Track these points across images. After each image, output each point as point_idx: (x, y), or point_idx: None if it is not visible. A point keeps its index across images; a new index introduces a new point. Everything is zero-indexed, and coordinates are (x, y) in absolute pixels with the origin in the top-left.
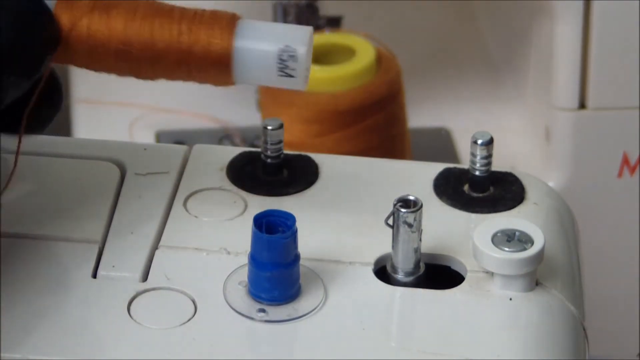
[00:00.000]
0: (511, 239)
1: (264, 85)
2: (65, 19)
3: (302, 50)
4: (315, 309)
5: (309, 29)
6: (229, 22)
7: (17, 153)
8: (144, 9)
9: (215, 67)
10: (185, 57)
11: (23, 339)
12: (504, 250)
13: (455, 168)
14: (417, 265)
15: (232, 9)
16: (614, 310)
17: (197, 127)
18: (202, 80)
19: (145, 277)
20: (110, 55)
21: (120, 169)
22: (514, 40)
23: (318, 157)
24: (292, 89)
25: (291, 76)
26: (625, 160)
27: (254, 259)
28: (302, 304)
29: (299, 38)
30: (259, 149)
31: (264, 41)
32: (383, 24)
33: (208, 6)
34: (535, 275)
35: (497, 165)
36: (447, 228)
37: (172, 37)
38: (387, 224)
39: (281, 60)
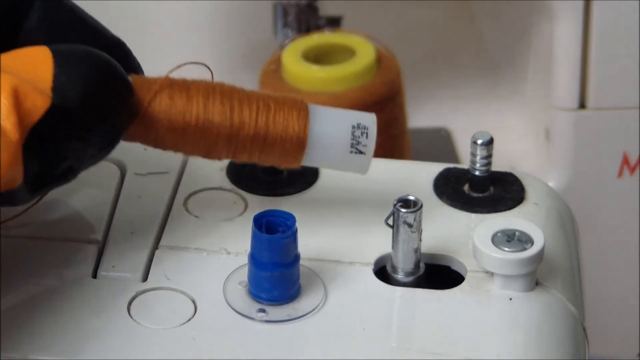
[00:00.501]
0: (511, 239)
1: (331, 167)
2: (144, 92)
3: (373, 126)
4: (315, 309)
5: (373, 114)
6: (302, 105)
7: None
8: (221, 89)
9: (290, 148)
10: (262, 139)
11: (23, 339)
12: (504, 250)
13: (455, 168)
14: (417, 265)
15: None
16: (614, 310)
17: None
18: (271, 161)
19: (145, 277)
20: (187, 131)
21: (120, 169)
22: (514, 40)
23: None
24: (354, 171)
25: (361, 152)
26: (625, 160)
27: (254, 259)
28: (302, 304)
29: (368, 117)
30: None
31: (337, 120)
32: (383, 24)
33: (206, 7)
34: (535, 275)
35: (497, 165)
36: (447, 228)
37: (251, 118)
38: (387, 224)
39: (354, 136)
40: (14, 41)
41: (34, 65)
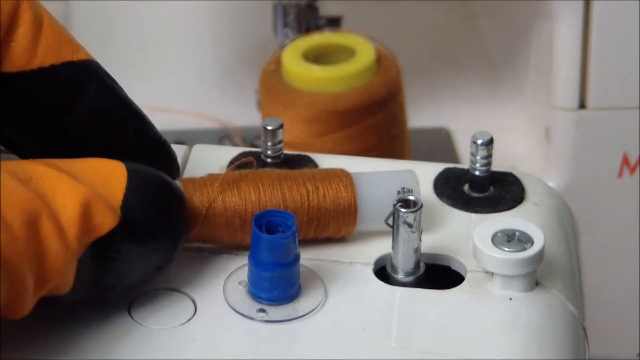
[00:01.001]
0: (511, 239)
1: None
2: (199, 199)
3: (417, 187)
4: (315, 309)
5: (412, 171)
6: (347, 175)
7: None
8: (269, 176)
9: (341, 220)
10: (316, 219)
11: (23, 339)
12: (504, 250)
13: (455, 168)
14: (417, 265)
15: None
16: (614, 310)
17: (197, 127)
18: (326, 233)
19: None
20: (245, 227)
21: None
22: (514, 40)
23: (318, 157)
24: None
25: None
26: (625, 160)
27: (254, 259)
28: (302, 304)
29: (410, 178)
30: (259, 149)
31: (381, 188)
32: (383, 24)
33: (207, 7)
34: (535, 275)
35: (497, 165)
36: (447, 228)
37: (302, 198)
38: (387, 224)
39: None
40: (59, 126)
41: (107, 179)
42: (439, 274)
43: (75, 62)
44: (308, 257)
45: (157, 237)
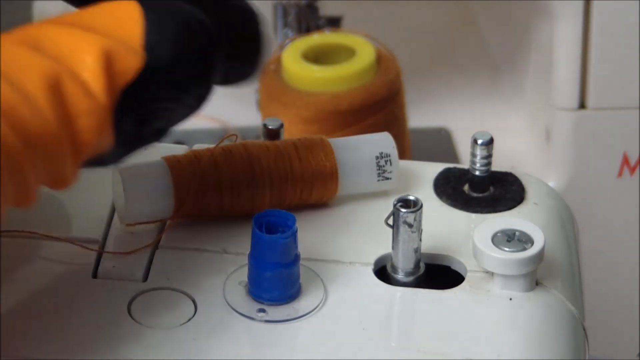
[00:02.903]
0: (511, 239)
1: (363, 192)
2: (189, 171)
3: (394, 152)
4: (315, 309)
5: (387, 134)
6: (326, 143)
7: None
8: (253, 145)
9: (324, 185)
10: (299, 182)
11: (23, 339)
12: (504, 250)
13: (455, 168)
14: (417, 265)
15: None
16: (614, 310)
17: (197, 127)
18: (310, 200)
19: (145, 277)
20: (232, 192)
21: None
22: (514, 40)
23: None
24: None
25: (388, 179)
26: (625, 160)
27: (254, 259)
28: (302, 304)
29: (387, 143)
30: None
31: (360, 152)
32: (383, 24)
33: None
34: (535, 275)
35: (497, 165)
36: (447, 228)
37: (286, 166)
38: (387, 224)
39: (379, 167)
40: None
41: (122, 21)
42: (439, 274)
43: None
44: (308, 257)
45: (187, 65)
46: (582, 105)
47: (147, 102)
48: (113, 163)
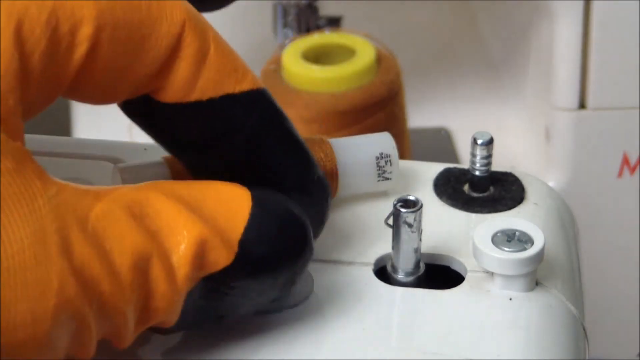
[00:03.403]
0: (511, 239)
1: (363, 192)
2: None
3: (394, 152)
4: (310, 306)
5: (387, 134)
6: (326, 143)
7: None
8: None
9: None
10: None
11: None
12: (504, 250)
13: (455, 168)
14: (417, 265)
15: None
16: (614, 310)
17: None
18: None
19: None
20: None
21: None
22: (514, 40)
23: None
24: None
25: (388, 179)
26: (625, 160)
27: None
28: (300, 305)
29: (388, 143)
30: None
31: (360, 153)
32: (383, 24)
33: None
34: (535, 275)
35: (497, 165)
36: (447, 228)
37: None
38: (387, 224)
39: (379, 167)
40: (215, 151)
41: (229, 210)
42: (439, 274)
43: (235, 95)
44: None
45: (275, 273)
46: (582, 105)
47: (225, 292)
48: (172, 332)
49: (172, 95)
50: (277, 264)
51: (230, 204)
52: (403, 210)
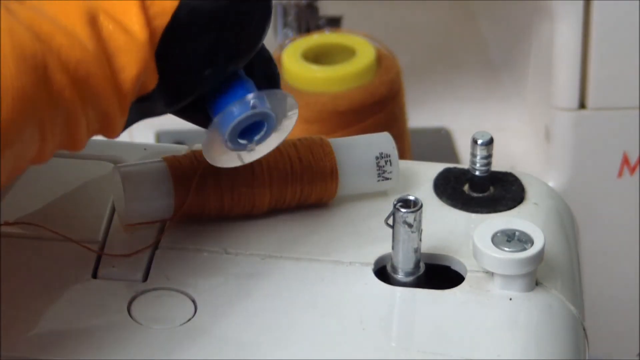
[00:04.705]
0: (511, 239)
1: (363, 192)
2: (188, 169)
3: (394, 152)
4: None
5: (387, 134)
6: (326, 143)
7: None
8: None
9: (324, 185)
10: (299, 183)
11: (23, 339)
12: (504, 250)
13: (455, 168)
14: (417, 265)
15: None
16: (614, 310)
17: (197, 127)
18: (309, 200)
19: (145, 277)
20: (233, 192)
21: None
22: (514, 40)
23: None
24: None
25: (388, 179)
26: (625, 160)
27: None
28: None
29: (388, 144)
30: None
31: (360, 152)
32: (383, 24)
33: None
34: (535, 275)
35: (497, 165)
36: (447, 228)
37: (286, 166)
38: (387, 224)
39: (379, 167)
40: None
41: None
42: (439, 274)
43: None
44: (308, 257)
45: (234, 16)
46: (582, 105)
47: (187, 43)
48: (162, 113)
49: None
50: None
51: None
52: (403, 210)
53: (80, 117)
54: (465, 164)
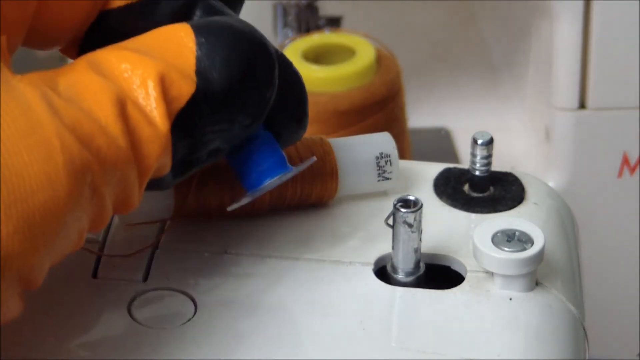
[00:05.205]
0: (511, 239)
1: (363, 192)
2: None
3: (394, 152)
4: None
5: (387, 134)
6: (326, 142)
7: None
8: None
9: (324, 185)
10: (299, 182)
11: (23, 339)
12: (504, 250)
13: (455, 168)
14: (417, 265)
15: None
16: (614, 310)
17: None
18: (309, 200)
19: (145, 277)
20: (234, 191)
21: None
22: (514, 40)
23: None
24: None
25: (388, 179)
26: (625, 160)
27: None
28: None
29: (388, 143)
30: None
31: (360, 152)
32: (383, 24)
33: None
34: (535, 275)
35: (497, 165)
36: (447, 228)
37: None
38: (387, 224)
39: (379, 167)
40: None
41: (175, 46)
42: (439, 274)
43: None
44: (308, 256)
45: (239, 94)
46: (582, 105)
47: (200, 125)
48: (168, 187)
49: None
50: (238, 83)
51: (174, 40)
52: (403, 210)
53: (108, 206)
54: (465, 164)
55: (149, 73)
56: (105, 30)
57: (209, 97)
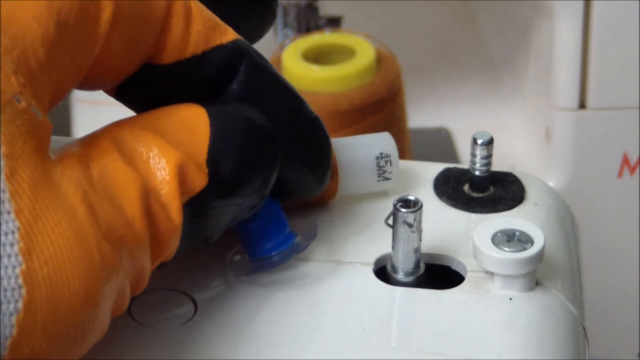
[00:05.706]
0: (511, 239)
1: (363, 192)
2: None
3: (394, 152)
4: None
5: (387, 134)
6: None
7: None
8: None
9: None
10: None
11: None
12: (504, 250)
13: (455, 168)
14: (417, 265)
15: None
16: (614, 310)
17: None
18: (311, 200)
19: None
20: None
21: None
22: (514, 40)
23: None
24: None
25: (388, 179)
26: (625, 160)
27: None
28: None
29: (387, 143)
30: None
31: (360, 152)
32: (383, 24)
33: None
34: (535, 275)
35: (497, 165)
36: (447, 228)
37: None
38: (387, 224)
39: (379, 167)
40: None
41: (192, 132)
42: (439, 274)
43: (224, 45)
44: (308, 257)
45: (248, 182)
46: (582, 105)
47: (206, 214)
48: (164, 266)
49: (170, 55)
50: (247, 173)
51: (189, 125)
52: (403, 210)
53: (128, 294)
54: (465, 164)
55: (171, 167)
56: (146, 81)
57: (217, 188)
